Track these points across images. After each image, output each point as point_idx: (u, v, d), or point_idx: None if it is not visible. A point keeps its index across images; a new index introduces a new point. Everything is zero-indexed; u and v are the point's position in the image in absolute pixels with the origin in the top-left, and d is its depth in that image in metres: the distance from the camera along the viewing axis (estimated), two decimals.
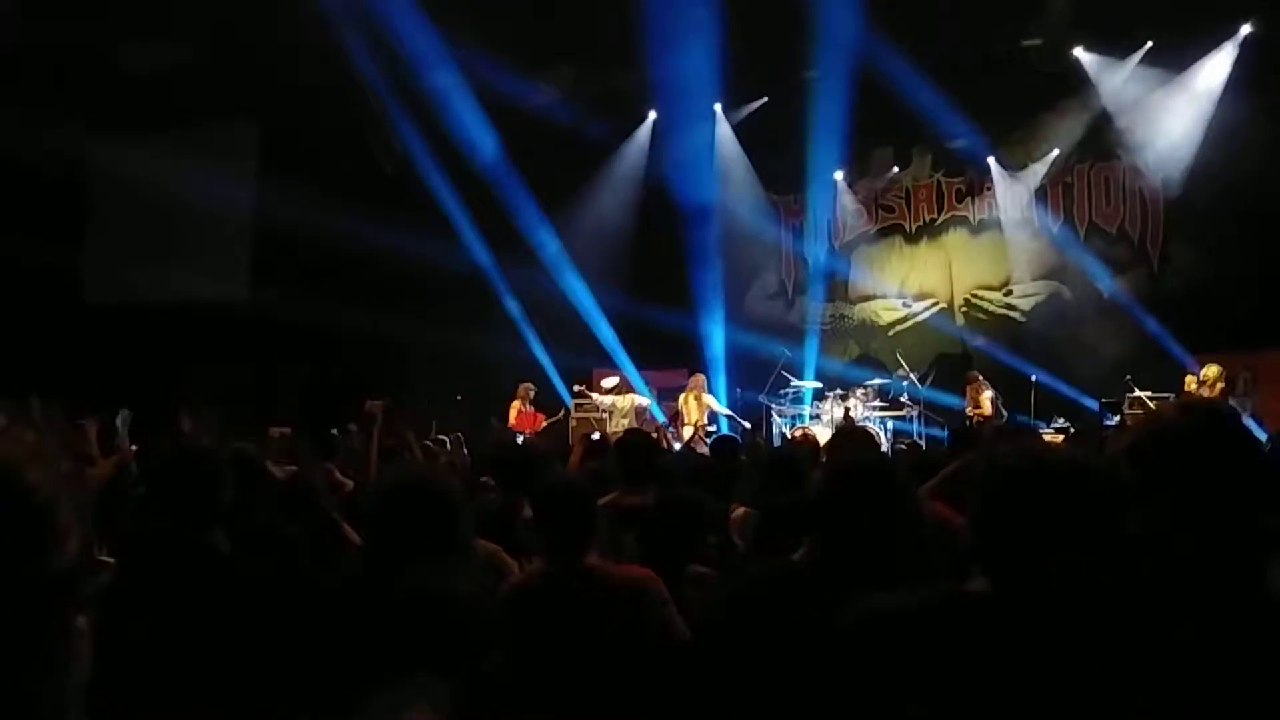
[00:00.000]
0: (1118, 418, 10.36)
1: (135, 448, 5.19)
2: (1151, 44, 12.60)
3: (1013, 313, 14.16)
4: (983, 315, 14.36)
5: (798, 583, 2.35)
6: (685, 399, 12.77)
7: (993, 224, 14.34)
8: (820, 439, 7.63)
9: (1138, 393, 11.12)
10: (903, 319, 14.88)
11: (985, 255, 14.47)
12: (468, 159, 13.58)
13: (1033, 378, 12.31)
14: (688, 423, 12.52)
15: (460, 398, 13.28)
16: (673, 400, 13.41)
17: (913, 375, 12.99)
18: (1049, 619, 1.61)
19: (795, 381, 13.44)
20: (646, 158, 15.02)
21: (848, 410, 12.30)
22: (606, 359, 14.25)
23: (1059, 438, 10.20)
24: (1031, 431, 9.46)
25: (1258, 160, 11.66)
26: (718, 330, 14.55)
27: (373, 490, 3.05)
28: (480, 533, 3.82)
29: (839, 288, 15.30)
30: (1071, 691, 1.57)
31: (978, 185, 14.46)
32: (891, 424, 12.71)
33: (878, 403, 12.78)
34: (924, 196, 14.91)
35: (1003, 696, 1.59)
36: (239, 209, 14.36)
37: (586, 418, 13.07)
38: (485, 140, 13.60)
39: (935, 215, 14.83)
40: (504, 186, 13.99)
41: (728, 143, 14.82)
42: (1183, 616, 1.41)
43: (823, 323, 15.14)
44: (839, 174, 14.89)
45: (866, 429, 7.94)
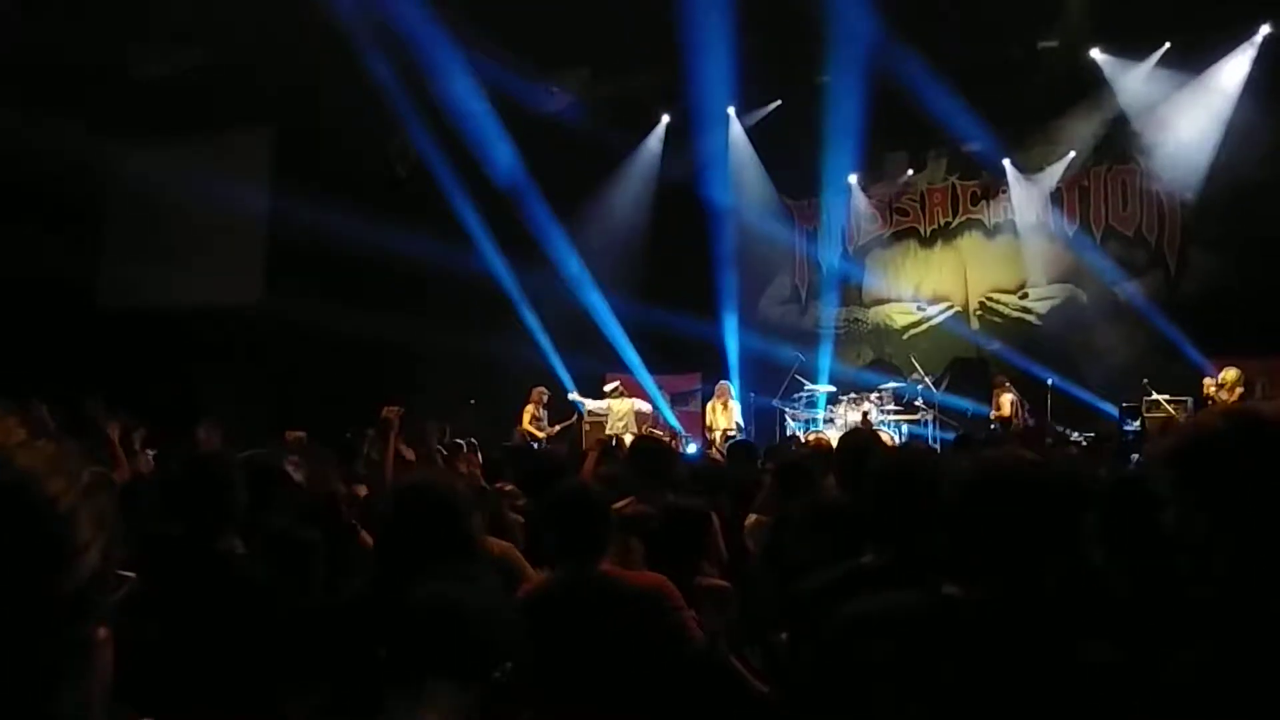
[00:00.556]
0: (1138, 423, 10.26)
1: (153, 453, 5.21)
2: (1169, 45, 12.49)
3: (1028, 316, 14.09)
4: (998, 319, 14.29)
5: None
6: (714, 406, 12.81)
7: (1008, 227, 14.28)
8: (834, 444, 7.58)
9: (1156, 396, 11.06)
10: (917, 323, 14.82)
11: (1000, 259, 14.41)
12: (481, 164, 13.59)
13: (1049, 381, 12.25)
14: (715, 429, 12.52)
15: (473, 402, 13.28)
16: (685, 406, 13.34)
17: (927, 379, 12.95)
18: (1016, 621, 1.71)
19: (809, 386, 13.39)
20: (660, 161, 15.01)
21: (865, 414, 12.24)
22: (620, 364, 14.21)
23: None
24: (1038, 434, 9.43)
25: (1276, 162, 11.59)
26: (732, 335, 14.53)
27: (383, 496, 3.05)
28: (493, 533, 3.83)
29: (853, 292, 15.25)
30: (1046, 690, 1.67)
31: (993, 188, 14.40)
32: (906, 428, 12.65)
33: (892, 407, 12.72)
34: (939, 200, 14.86)
35: (986, 696, 1.69)
36: (253, 214, 14.38)
37: (599, 422, 13.05)
38: (499, 145, 13.61)
39: (950, 219, 14.77)
40: (518, 191, 14.01)
41: (741, 146, 14.78)
42: (1217, 619, 1.41)
43: (837, 327, 15.10)
44: (853, 177, 14.85)
45: (873, 432, 7.89)
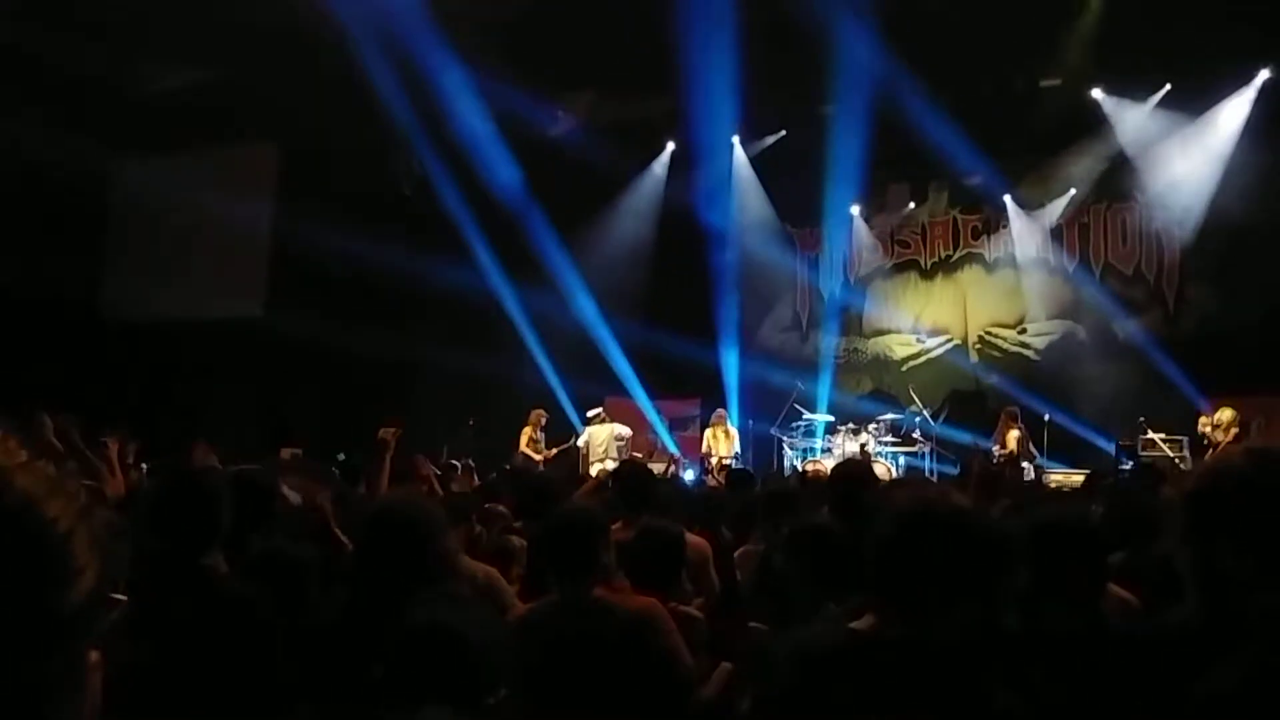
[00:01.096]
0: (1133, 462, 10.25)
1: (145, 467, 5.21)
2: (1170, 87, 12.61)
3: (1027, 351, 14.11)
4: (997, 353, 14.30)
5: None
6: (714, 433, 12.83)
7: (1008, 261, 14.32)
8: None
9: (1151, 435, 11.06)
10: (917, 354, 14.83)
11: (1000, 293, 14.44)
12: (485, 184, 13.64)
13: (1046, 416, 12.24)
14: (715, 455, 12.53)
15: (472, 422, 13.27)
16: (684, 430, 13.30)
17: (926, 411, 12.94)
18: (918, 660, 1.77)
19: (808, 415, 13.39)
20: (664, 187, 15.06)
21: (864, 445, 12.23)
22: (620, 387, 14.22)
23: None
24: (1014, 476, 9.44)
25: (1274, 204, 11.67)
26: (732, 361, 14.54)
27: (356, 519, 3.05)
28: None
29: (853, 321, 15.27)
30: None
31: (994, 222, 14.44)
32: (904, 459, 12.65)
33: (890, 438, 12.72)
34: (940, 232, 14.90)
35: None
36: (257, 230, 14.42)
37: (583, 452, 13.00)
38: (504, 165, 13.67)
39: (951, 251, 14.81)
40: (521, 212, 14.06)
41: (745, 174, 14.85)
42: (1231, 654, 1.43)
43: (837, 356, 15.09)
44: (855, 208, 14.90)
45: (866, 463, 7.88)
